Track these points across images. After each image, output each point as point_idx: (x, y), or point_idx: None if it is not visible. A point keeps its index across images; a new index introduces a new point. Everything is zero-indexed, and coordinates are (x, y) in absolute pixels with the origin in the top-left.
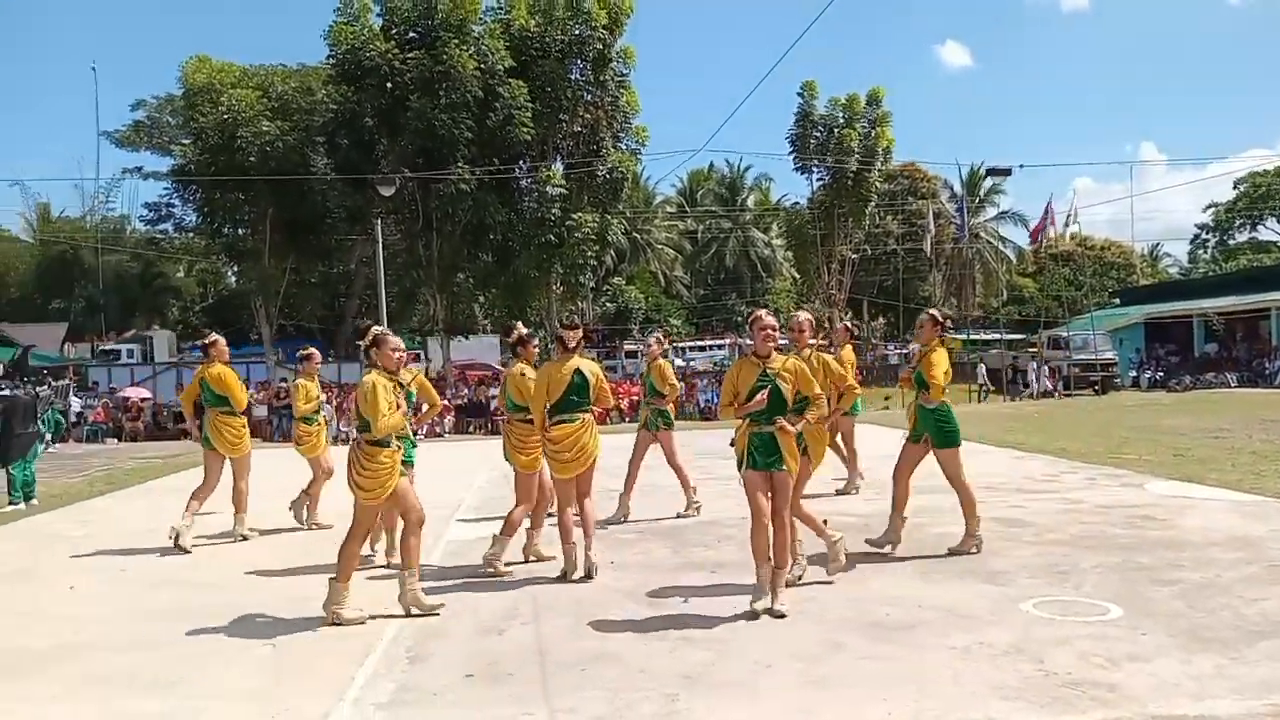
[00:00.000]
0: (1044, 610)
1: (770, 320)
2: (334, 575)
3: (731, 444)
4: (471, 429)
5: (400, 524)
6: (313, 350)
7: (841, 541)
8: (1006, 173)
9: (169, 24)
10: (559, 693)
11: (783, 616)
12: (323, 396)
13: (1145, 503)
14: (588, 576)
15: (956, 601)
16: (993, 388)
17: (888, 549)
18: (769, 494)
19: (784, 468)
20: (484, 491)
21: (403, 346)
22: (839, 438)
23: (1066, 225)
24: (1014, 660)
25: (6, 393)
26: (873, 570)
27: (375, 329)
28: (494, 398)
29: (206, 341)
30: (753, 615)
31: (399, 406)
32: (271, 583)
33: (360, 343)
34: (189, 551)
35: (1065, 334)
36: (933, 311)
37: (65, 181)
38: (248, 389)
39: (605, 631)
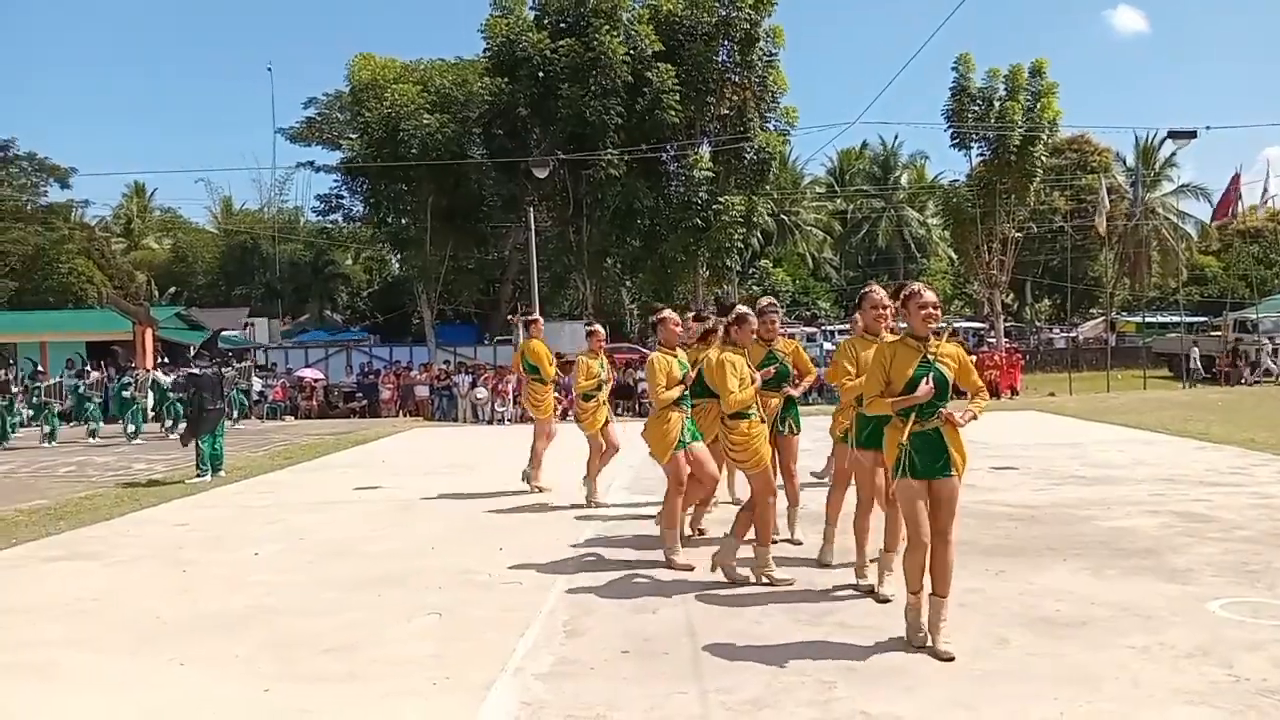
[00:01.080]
0: (1233, 612)
1: (931, 297)
2: (756, 540)
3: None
4: (620, 411)
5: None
6: (597, 327)
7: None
8: (1191, 135)
9: (337, 23)
10: (713, 673)
11: (951, 659)
12: (603, 374)
13: None
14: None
15: (1133, 599)
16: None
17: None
18: (928, 508)
19: (952, 473)
20: (636, 471)
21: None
22: None
23: (1265, 201)
24: (1199, 664)
25: (197, 372)
26: (1040, 565)
27: (741, 308)
28: (642, 380)
29: (530, 319)
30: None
31: (754, 381)
32: (440, 555)
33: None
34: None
35: (1254, 316)
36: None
37: (244, 176)
38: (412, 369)
39: (758, 615)
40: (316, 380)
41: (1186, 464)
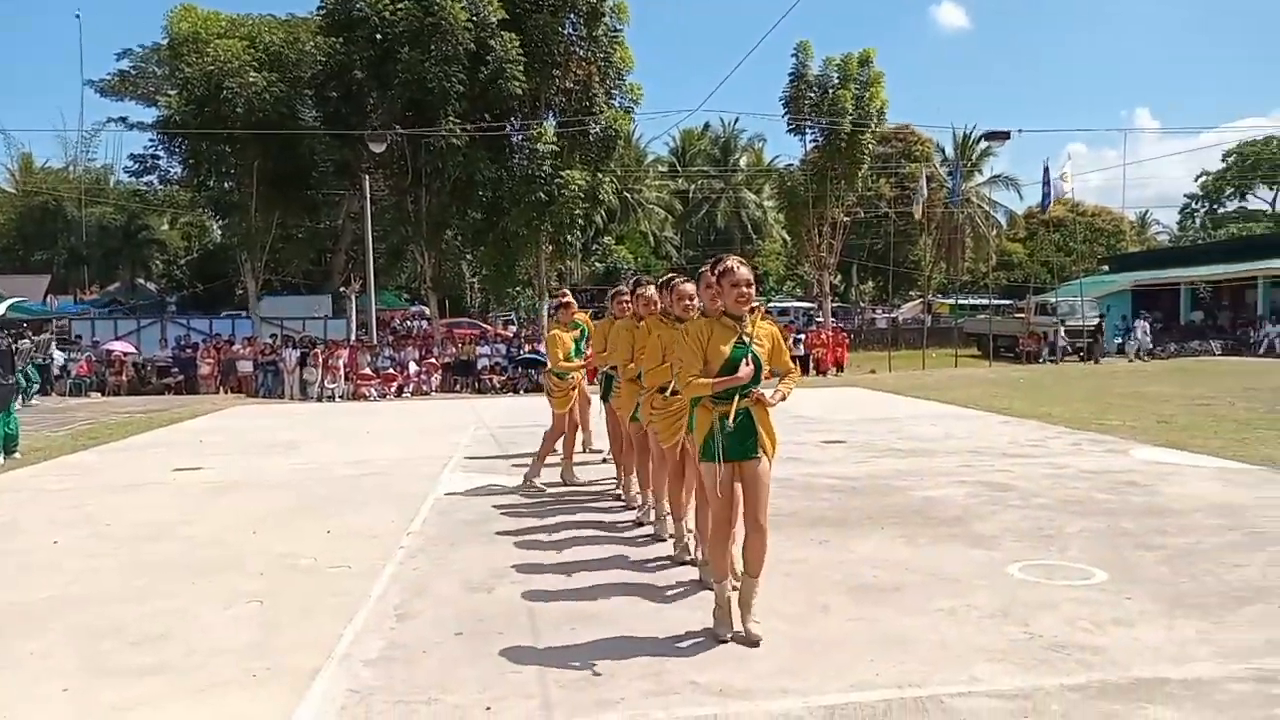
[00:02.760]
0: (1029, 574)
1: (746, 274)
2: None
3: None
4: (459, 387)
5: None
6: (569, 299)
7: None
8: (1005, 136)
9: None
10: (549, 650)
11: (758, 642)
12: (584, 352)
13: (1130, 468)
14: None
15: (942, 565)
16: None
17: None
18: (736, 491)
19: (760, 455)
20: (472, 450)
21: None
22: None
23: (1067, 187)
24: (1000, 623)
25: None
26: (860, 534)
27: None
28: (482, 356)
29: (559, 302)
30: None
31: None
32: (262, 539)
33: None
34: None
35: (1053, 300)
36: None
37: (48, 132)
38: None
39: (594, 592)
40: (126, 354)
41: (991, 437)
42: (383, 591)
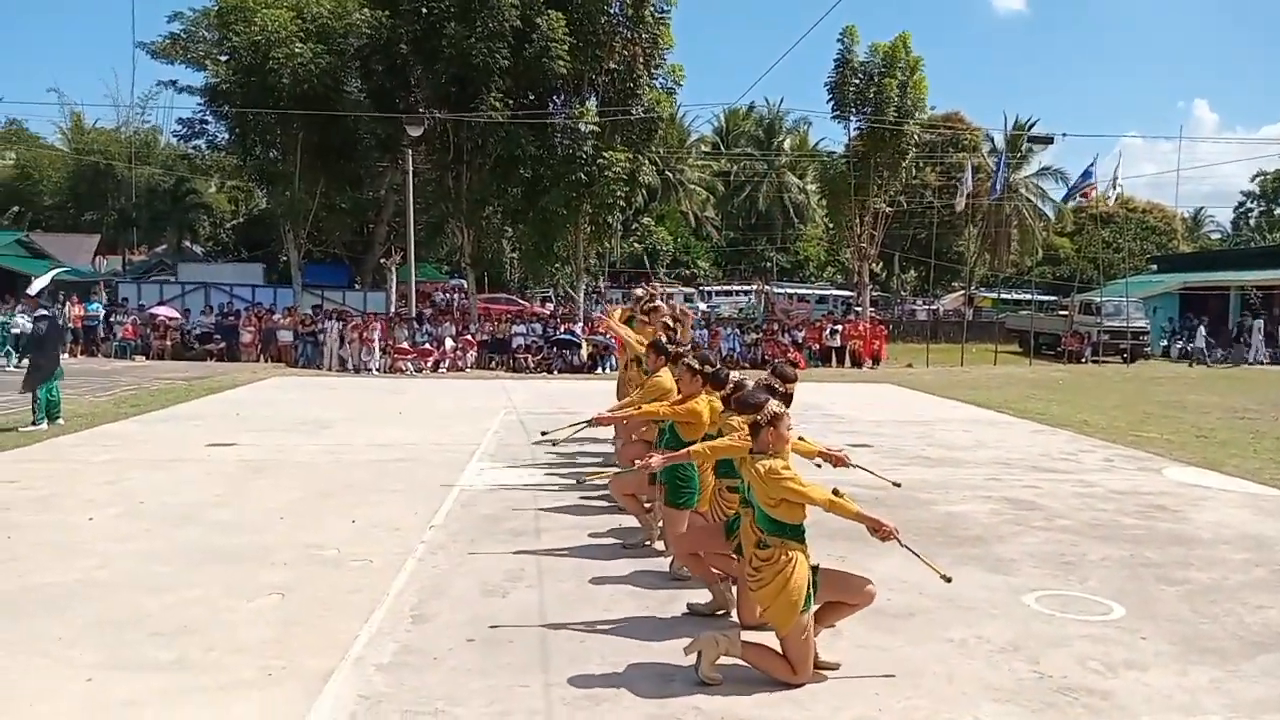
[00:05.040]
0: (1045, 605)
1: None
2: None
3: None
4: (494, 364)
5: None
6: (657, 302)
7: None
8: (1049, 140)
9: None
10: (557, 663)
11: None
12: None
13: (1160, 490)
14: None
15: (957, 590)
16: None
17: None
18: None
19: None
20: (500, 436)
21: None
22: None
23: (1114, 189)
24: (1010, 659)
25: (44, 313)
26: (879, 551)
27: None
28: (518, 335)
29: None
30: None
31: None
32: (288, 526)
33: None
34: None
35: (1098, 299)
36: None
37: (100, 92)
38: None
39: (608, 603)
40: (171, 319)
41: (1023, 447)
42: (401, 589)
